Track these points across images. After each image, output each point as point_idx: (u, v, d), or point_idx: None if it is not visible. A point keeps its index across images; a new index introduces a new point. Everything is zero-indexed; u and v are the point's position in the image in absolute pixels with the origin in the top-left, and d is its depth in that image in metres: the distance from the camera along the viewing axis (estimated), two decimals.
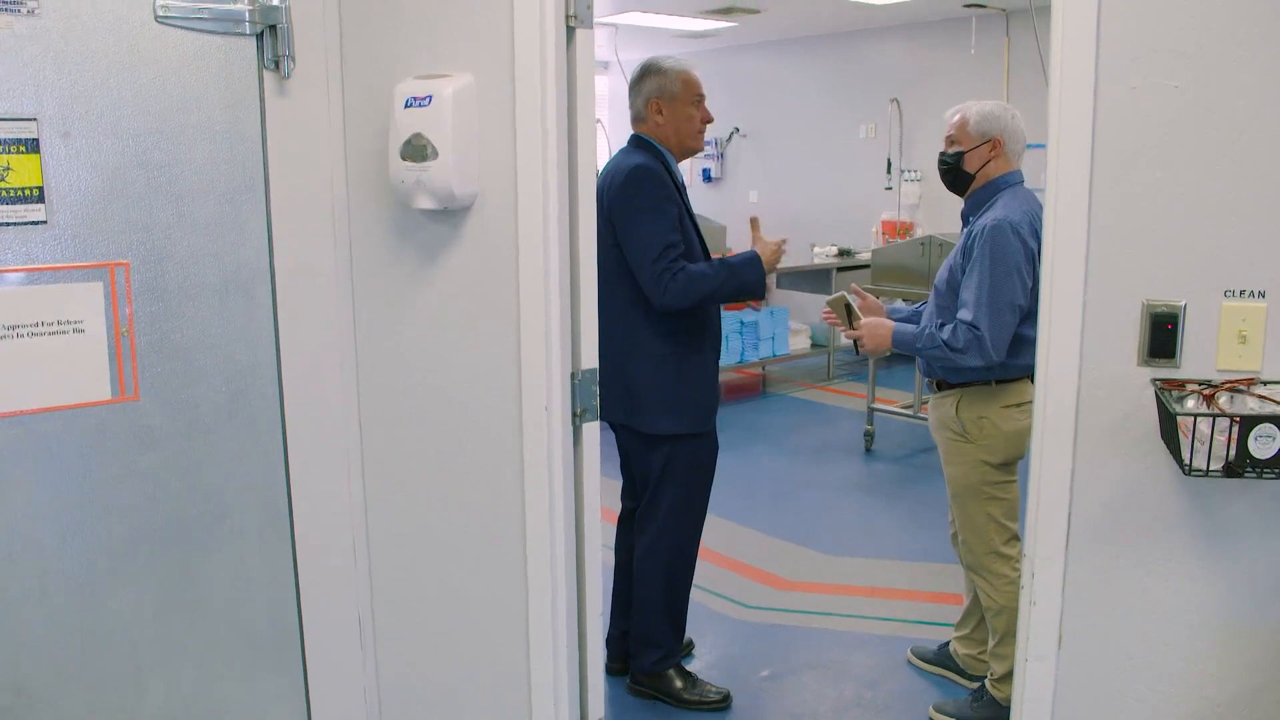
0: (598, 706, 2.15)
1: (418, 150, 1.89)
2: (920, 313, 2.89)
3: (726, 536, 4.29)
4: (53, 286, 1.76)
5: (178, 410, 1.93)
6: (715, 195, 9.18)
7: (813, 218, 8.23)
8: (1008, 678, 2.64)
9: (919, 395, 5.61)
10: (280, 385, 2.05)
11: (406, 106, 1.90)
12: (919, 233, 7.22)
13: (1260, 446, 1.47)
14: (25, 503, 1.79)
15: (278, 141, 1.98)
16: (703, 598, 3.64)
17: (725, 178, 9.28)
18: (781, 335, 6.97)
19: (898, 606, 3.63)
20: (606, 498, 2.13)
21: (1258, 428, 1.46)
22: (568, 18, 1.87)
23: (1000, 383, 2.67)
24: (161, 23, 1.82)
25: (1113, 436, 1.64)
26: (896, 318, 2.91)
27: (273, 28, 1.92)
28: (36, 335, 1.76)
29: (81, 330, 1.80)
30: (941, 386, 2.78)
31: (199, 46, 1.86)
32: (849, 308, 2.82)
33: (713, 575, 3.87)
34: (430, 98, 1.88)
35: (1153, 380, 1.60)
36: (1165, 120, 1.55)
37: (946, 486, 2.82)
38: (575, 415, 2.00)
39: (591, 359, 2.01)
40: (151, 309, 1.87)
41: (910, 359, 5.56)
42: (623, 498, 3.11)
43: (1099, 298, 1.62)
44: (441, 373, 2.08)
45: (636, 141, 2.86)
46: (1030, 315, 2.48)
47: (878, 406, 5.69)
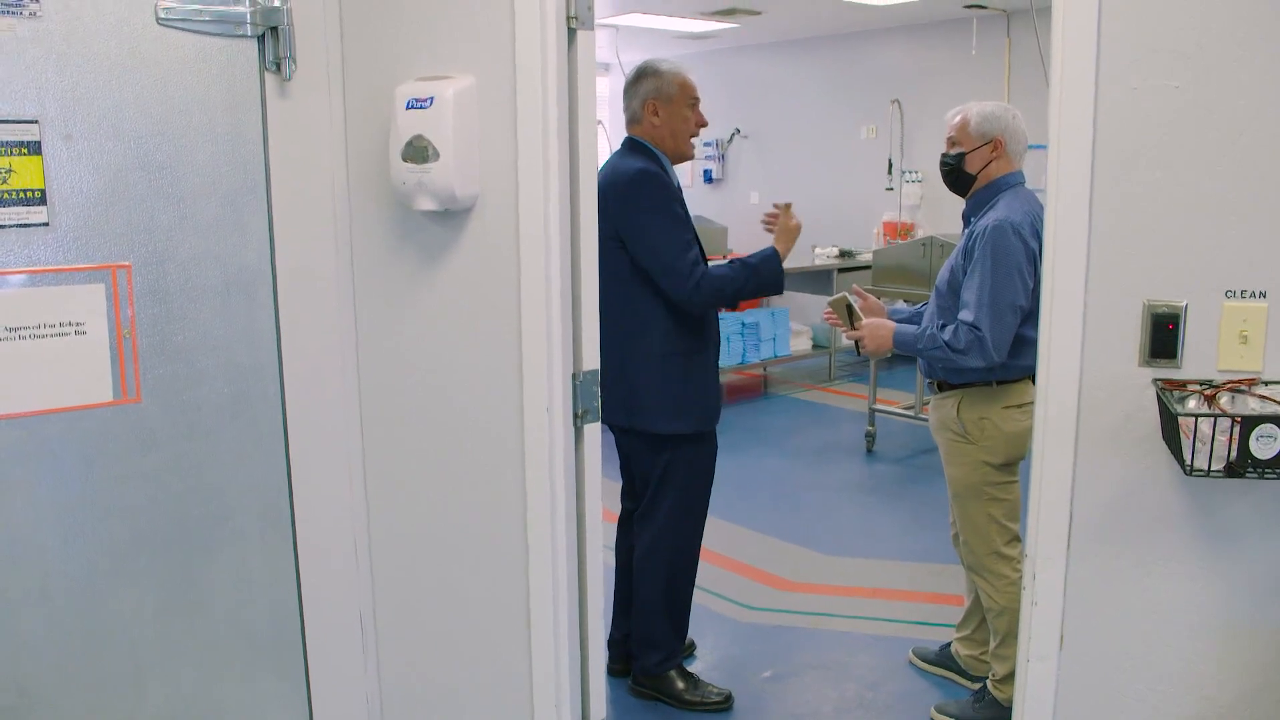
0: (599, 707, 2.15)
1: (419, 152, 1.89)
2: (921, 314, 2.89)
3: (728, 537, 4.29)
4: (54, 288, 1.76)
5: (179, 412, 1.93)
6: (716, 196, 9.20)
7: (814, 219, 8.14)
8: (1009, 678, 2.64)
9: (920, 396, 5.61)
10: (282, 387, 2.05)
11: (408, 108, 1.90)
12: (920, 233, 7.22)
13: (1261, 447, 1.47)
14: (27, 504, 1.80)
15: (279, 143, 1.98)
16: (704, 599, 3.64)
17: (726, 179, 9.29)
18: (783, 336, 6.97)
19: (899, 607, 3.63)
20: (606, 499, 2.13)
21: (1259, 428, 1.47)
22: (569, 19, 1.87)
23: (1001, 383, 2.67)
24: (163, 25, 1.82)
25: (1114, 437, 1.64)
26: (898, 319, 2.91)
27: (274, 30, 1.93)
28: (38, 337, 1.76)
29: (83, 332, 1.80)
30: (943, 387, 2.78)
31: (200, 48, 1.87)
32: (850, 309, 2.82)
33: (714, 576, 3.87)
34: (431, 99, 1.88)
35: (1154, 380, 1.60)
36: (1165, 120, 1.55)
37: (947, 487, 2.82)
38: (577, 416, 2.01)
39: (593, 360, 2.02)
40: (153, 311, 1.87)
41: (911, 360, 5.57)
42: (623, 499, 3.11)
43: (1100, 298, 1.62)
44: (443, 374, 2.08)
45: (631, 144, 2.85)
46: (1031, 316, 2.48)
47: (879, 407, 5.69)
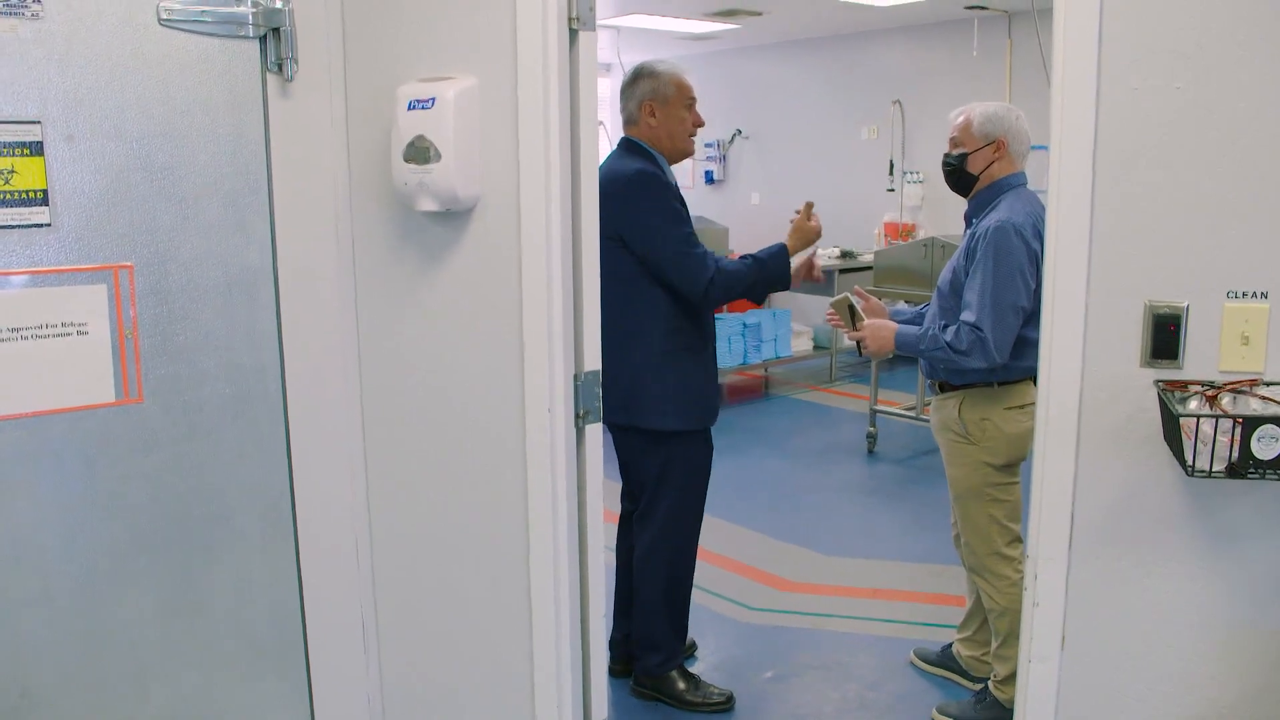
0: (601, 708, 2.15)
1: (420, 152, 1.89)
2: (923, 314, 2.89)
3: (729, 538, 4.29)
4: (57, 289, 1.77)
5: (181, 412, 1.93)
6: (717, 197, 9.20)
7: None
8: (1011, 679, 2.64)
9: (921, 397, 5.60)
10: (283, 387, 2.05)
11: (409, 109, 1.91)
12: (921, 234, 7.22)
13: (1263, 447, 1.47)
14: (29, 505, 1.80)
15: (281, 144, 1.98)
16: (705, 599, 3.64)
17: (727, 179, 9.29)
18: (784, 337, 6.97)
19: (900, 608, 3.63)
20: (606, 499, 2.13)
21: (1260, 429, 1.46)
22: (570, 20, 1.87)
23: (1003, 384, 2.67)
24: (165, 26, 1.82)
25: (1115, 438, 1.64)
26: (899, 319, 2.91)
27: (276, 30, 1.93)
28: (40, 338, 1.76)
29: (85, 332, 1.80)
30: (944, 388, 2.78)
31: (202, 49, 1.87)
32: (852, 309, 2.82)
33: (715, 577, 3.87)
34: (433, 100, 1.88)
35: (1155, 381, 1.60)
36: (1166, 121, 1.55)
37: (949, 488, 2.82)
38: (578, 417, 2.01)
39: (594, 361, 2.02)
40: (155, 311, 1.88)
41: (912, 361, 5.57)
42: (623, 499, 3.11)
43: (1101, 299, 1.62)
44: (444, 374, 2.08)
45: (628, 145, 2.85)
46: (1033, 317, 2.48)
47: (880, 408, 5.69)
